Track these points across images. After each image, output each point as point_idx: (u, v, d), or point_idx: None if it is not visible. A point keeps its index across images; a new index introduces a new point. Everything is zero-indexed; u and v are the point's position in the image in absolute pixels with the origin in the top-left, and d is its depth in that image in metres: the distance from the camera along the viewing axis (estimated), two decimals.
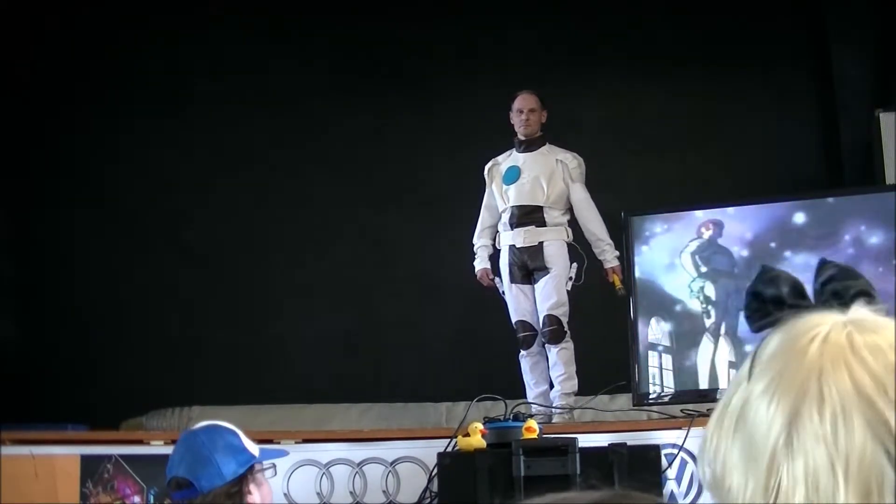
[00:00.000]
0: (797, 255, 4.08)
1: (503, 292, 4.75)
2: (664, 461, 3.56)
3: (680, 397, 4.12)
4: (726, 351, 4.15)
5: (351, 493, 3.88)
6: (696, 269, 4.27)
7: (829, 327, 0.79)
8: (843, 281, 0.84)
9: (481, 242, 4.83)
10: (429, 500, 3.71)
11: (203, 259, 6.47)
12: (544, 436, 3.59)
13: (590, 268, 4.65)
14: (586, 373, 4.61)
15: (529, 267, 4.66)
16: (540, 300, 4.63)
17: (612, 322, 4.62)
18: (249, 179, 6.53)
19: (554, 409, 4.48)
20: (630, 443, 3.49)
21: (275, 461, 2.81)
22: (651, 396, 4.24)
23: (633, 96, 6.38)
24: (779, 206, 4.27)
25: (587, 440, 3.53)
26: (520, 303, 4.69)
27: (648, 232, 4.39)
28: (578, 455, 3.38)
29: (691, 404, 3.80)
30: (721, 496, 0.80)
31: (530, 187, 4.67)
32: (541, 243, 4.64)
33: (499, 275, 4.76)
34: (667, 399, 4.19)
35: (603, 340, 4.86)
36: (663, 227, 4.38)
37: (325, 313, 6.35)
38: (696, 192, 5.81)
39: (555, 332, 4.56)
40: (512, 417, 3.71)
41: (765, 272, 0.86)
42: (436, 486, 3.63)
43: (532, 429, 3.52)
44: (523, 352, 4.67)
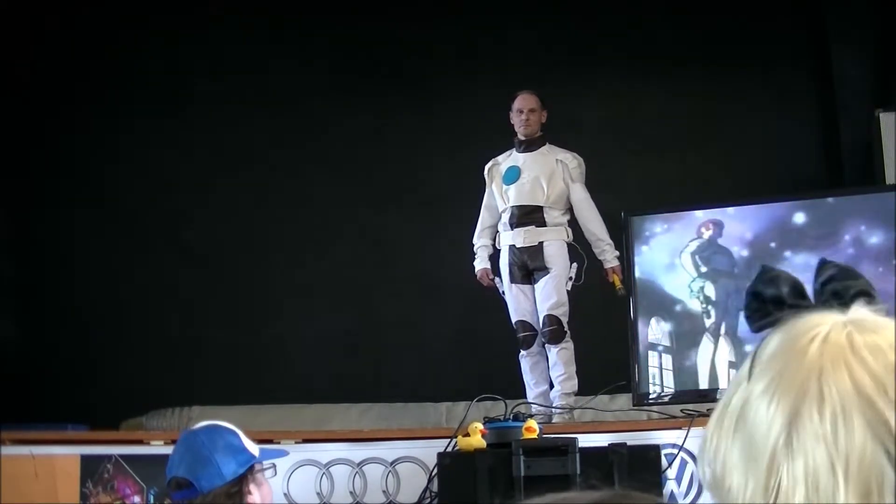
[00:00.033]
0: (797, 255, 4.08)
1: (503, 292, 4.75)
2: (664, 461, 3.56)
3: (680, 397, 4.11)
4: (726, 351, 4.15)
5: (351, 493, 3.88)
6: (696, 269, 4.27)
7: (829, 327, 0.79)
8: (843, 281, 0.84)
9: (481, 242, 4.83)
10: (429, 500, 3.71)
11: (203, 259, 6.47)
12: (544, 436, 3.59)
13: (590, 268, 4.65)
14: (586, 373, 4.61)
15: (529, 267, 4.66)
16: (540, 300, 4.63)
17: (612, 322, 4.62)
18: (249, 179, 6.53)
19: (554, 409, 4.47)
20: (630, 443, 3.49)
21: (275, 461, 2.81)
22: (651, 396, 4.24)
23: (633, 96, 6.37)
24: (779, 206, 4.27)
25: (587, 440, 3.53)
26: (520, 303, 4.68)
27: (648, 232, 4.38)
28: (578, 455, 3.38)
29: (691, 404, 3.80)
30: (721, 496, 0.80)
31: (530, 187, 4.67)
32: (541, 243, 4.64)
33: (499, 275, 4.76)
34: (667, 399, 4.19)
35: (603, 340, 4.86)
36: (663, 227, 4.38)
37: (325, 313, 6.34)
38: (696, 192, 5.81)
39: (555, 332, 4.56)
40: (512, 417, 3.71)
41: (765, 272, 0.86)
42: (436, 486, 3.63)
43: (532, 429, 3.52)
44: (523, 352, 4.67)
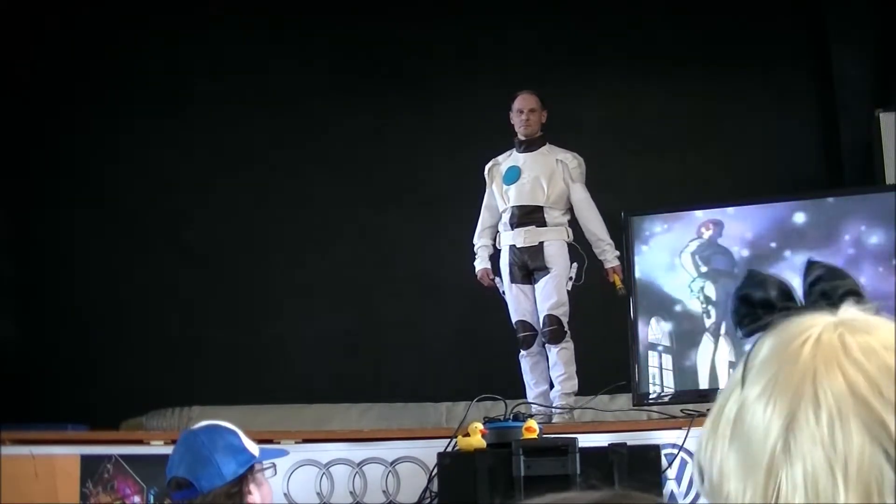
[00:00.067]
0: (797, 255, 4.07)
1: (503, 292, 4.75)
2: (664, 461, 3.56)
3: (680, 397, 4.11)
4: (726, 351, 4.14)
5: (351, 493, 3.88)
6: (696, 269, 4.27)
7: (821, 329, 0.78)
8: (831, 281, 0.83)
9: (482, 242, 4.83)
10: (429, 500, 3.71)
11: (203, 259, 6.47)
12: (544, 436, 3.59)
13: (590, 268, 4.65)
14: (586, 373, 4.60)
15: (530, 267, 4.66)
16: (540, 300, 4.63)
17: (612, 322, 4.62)
18: (249, 179, 6.52)
19: (554, 409, 4.47)
20: (630, 443, 3.49)
21: (275, 461, 2.81)
22: (651, 396, 4.23)
23: (633, 96, 6.37)
24: (779, 206, 4.26)
25: (587, 440, 3.53)
26: (520, 303, 4.68)
27: (648, 232, 4.38)
28: (578, 455, 3.38)
29: (691, 404, 3.79)
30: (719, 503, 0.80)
31: (530, 187, 4.67)
32: (541, 243, 4.64)
33: (499, 275, 4.76)
34: (667, 399, 4.18)
35: (603, 340, 4.86)
36: (663, 227, 4.37)
37: (325, 313, 6.34)
38: (696, 192, 5.80)
39: (555, 332, 4.56)
40: (512, 417, 3.71)
41: (752, 276, 0.86)
42: (436, 486, 3.63)
43: (532, 429, 3.52)
44: (523, 352, 4.67)
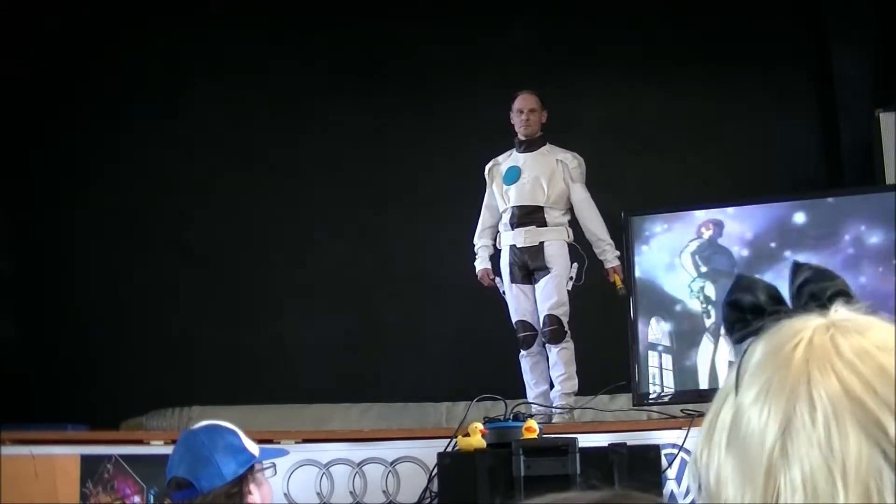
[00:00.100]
0: (797, 255, 4.07)
1: (503, 292, 4.75)
2: (664, 461, 3.56)
3: (680, 397, 4.11)
4: (726, 351, 4.14)
5: (351, 493, 3.88)
6: (696, 269, 4.27)
7: (812, 331, 0.78)
8: (820, 282, 0.83)
9: (482, 242, 4.83)
10: (429, 500, 3.71)
11: (203, 259, 6.47)
12: (544, 436, 3.59)
13: (590, 268, 4.65)
14: (586, 373, 4.60)
15: (530, 267, 4.66)
16: (540, 300, 4.63)
17: (612, 322, 4.62)
18: (249, 179, 6.52)
19: (554, 409, 4.47)
20: (630, 443, 3.49)
21: (275, 461, 2.81)
22: (651, 396, 4.24)
23: (633, 96, 6.37)
24: (779, 206, 4.27)
25: (587, 440, 3.53)
26: (520, 303, 4.68)
27: (648, 232, 4.38)
28: (578, 455, 3.38)
29: (691, 404, 3.79)
30: None
31: (531, 187, 4.67)
32: (541, 243, 4.64)
33: (499, 275, 4.76)
34: (667, 399, 4.18)
35: (603, 340, 4.86)
36: (663, 227, 4.37)
37: (325, 313, 6.34)
38: (696, 192, 5.80)
39: (555, 331, 4.56)
40: (512, 417, 3.71)
41: (740, 281, 0.85)
42: (436, 486, 3.63)
43: (532, 429, 3.51)
44: (523, 352, 4.67)
